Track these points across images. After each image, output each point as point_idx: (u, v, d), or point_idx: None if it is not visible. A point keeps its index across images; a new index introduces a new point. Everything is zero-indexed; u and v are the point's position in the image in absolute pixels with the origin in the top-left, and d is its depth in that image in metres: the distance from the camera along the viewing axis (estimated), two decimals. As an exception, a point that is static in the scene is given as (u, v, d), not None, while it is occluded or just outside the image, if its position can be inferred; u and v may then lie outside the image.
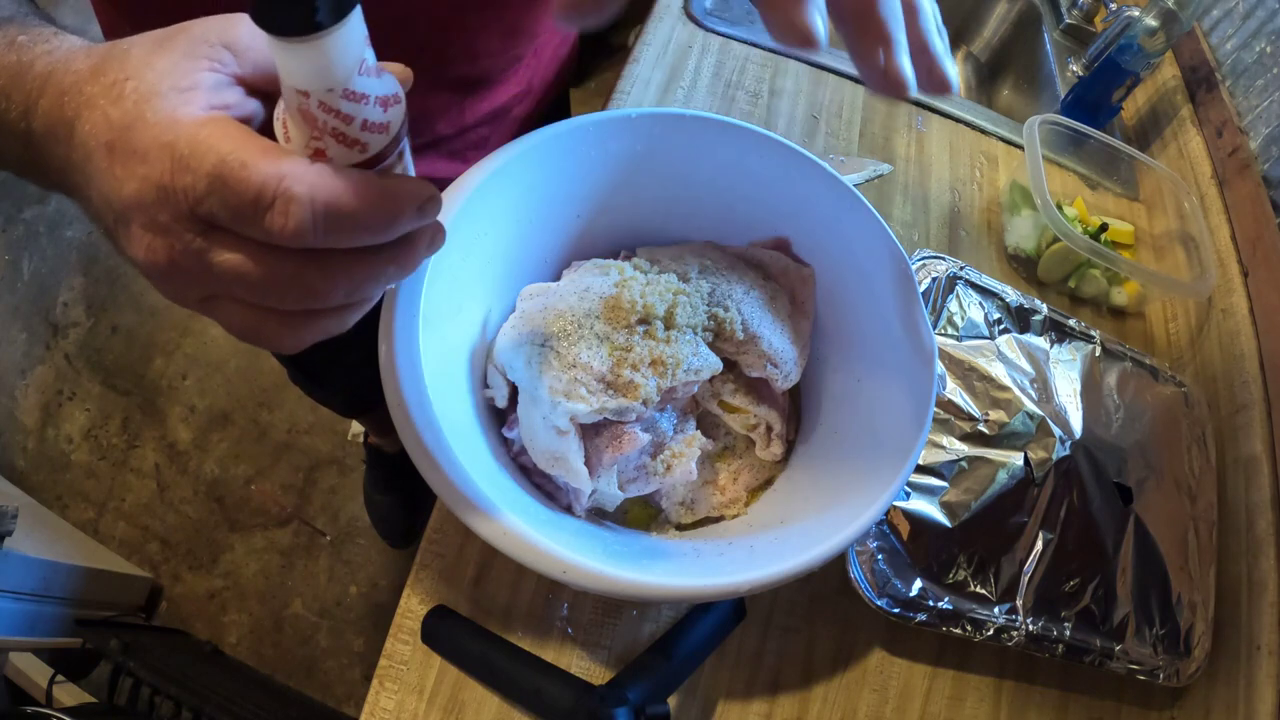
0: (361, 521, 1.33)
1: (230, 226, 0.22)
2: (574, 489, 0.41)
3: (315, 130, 0.23)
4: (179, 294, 0.24)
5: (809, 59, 0.79)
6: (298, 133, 0.23)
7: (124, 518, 1.32)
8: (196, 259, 0.22)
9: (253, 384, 1.43)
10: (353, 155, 0.23)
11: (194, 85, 0.23)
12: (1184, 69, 0.89)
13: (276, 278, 0.22)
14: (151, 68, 0.23)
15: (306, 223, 0.21)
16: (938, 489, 0.53)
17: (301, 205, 0.21)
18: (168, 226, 0.22)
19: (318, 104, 0.22)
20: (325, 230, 0.21)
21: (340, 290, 0.23)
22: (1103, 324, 0.71)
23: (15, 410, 1.39)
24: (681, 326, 0.43)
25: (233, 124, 0.22)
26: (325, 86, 0.22)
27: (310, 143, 0.23)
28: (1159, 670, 0.53)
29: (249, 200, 0.21)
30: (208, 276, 0.22)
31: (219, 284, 0.23)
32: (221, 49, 0.24)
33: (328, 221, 0.21)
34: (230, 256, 0.22)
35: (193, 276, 0.23)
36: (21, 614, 1.00)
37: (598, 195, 0.48)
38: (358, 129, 0.23)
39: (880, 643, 0.52)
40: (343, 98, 0.22)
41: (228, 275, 0.22)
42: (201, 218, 0.22)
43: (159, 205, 0.21)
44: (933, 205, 0.74)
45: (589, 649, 0.47)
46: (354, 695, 1.21)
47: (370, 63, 0.23)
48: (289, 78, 0.22)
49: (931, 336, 0.44)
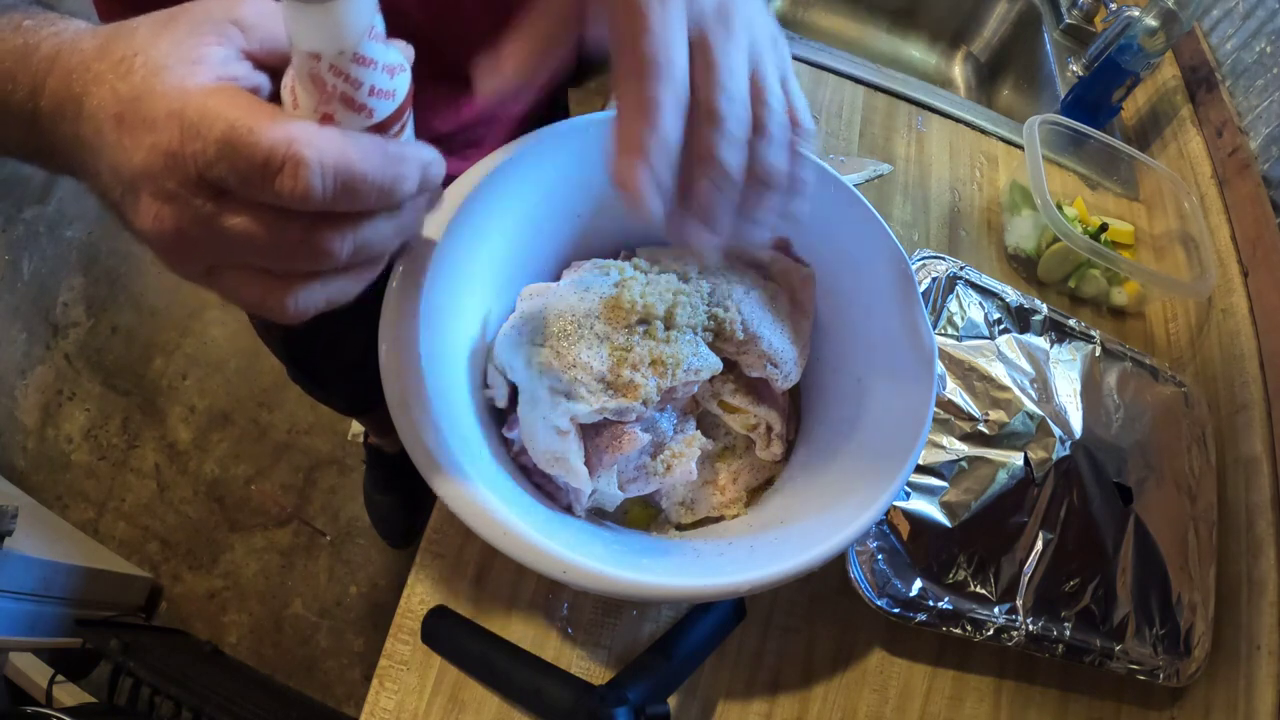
0: (361, 521, 1.33)
1: (239, 191, 0.22)
2: (574, 489, 0.41)
3: (324, 95, 0.23)
4: (185, 264, 0.24)
5: (810, 59, 0.79)
6: (306, 98, 0.23)
7: (124, 518, 1.32)
8: (205, 225, 0.22)
9: (253, 384, 1.43)
10: (360, 121, 0.24)
11: (201, 59, 0.23)
12: (1184, 69, 0.89)
13: (284, 240, 0.23)
14: (159, 43, 0.23)
15: (315, 185, 0.21)
16: (938, 489, 0.53)
17: (310, 168, 0.21)
18: (176, 193, 0.22)
19: (328, 67, 0.22)
20: (333, 192, 0.22)
21: (345, 251, 0.24)
22: (1103, 324, 0.71)
23: (15, 410, 1.39)
24: (681, 326, 0.43)
25: (241, 92, 0.23)
26: (336, 49, 0.22)
27: (319, 107, 0.23)
28: (1159, 670, 0.53)
29: (258, 164, 0.21)
30: (216, 243, 0.23)
31: (227, 250, 0.23)
32: (228, 25, 0.25)
33: (336, 184, 0.22)
34: (239, 220, 0.22)
35: (200, 244, 0.23)
36: (21, 614, 1.00)
37: (598, 195, 0.48)
38: (365, 94, 0.23)
39: (880, 643, 0.52)
40: (353, 62, 0.23)
41: (237, 239, 0.22)
42: (210, 183, 0.22)
43: (168, 172, 0.22)
44: (933, 205, 0.74)
45: (589, 649, 0.47)
46: (354, 695, 1.21)
47: (379, 29, 0.23)
48: (300, 41, 0.22)
49: (931, 336, 0.44)
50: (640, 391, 0.40)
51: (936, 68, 1.12)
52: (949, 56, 1.12)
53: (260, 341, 0.89)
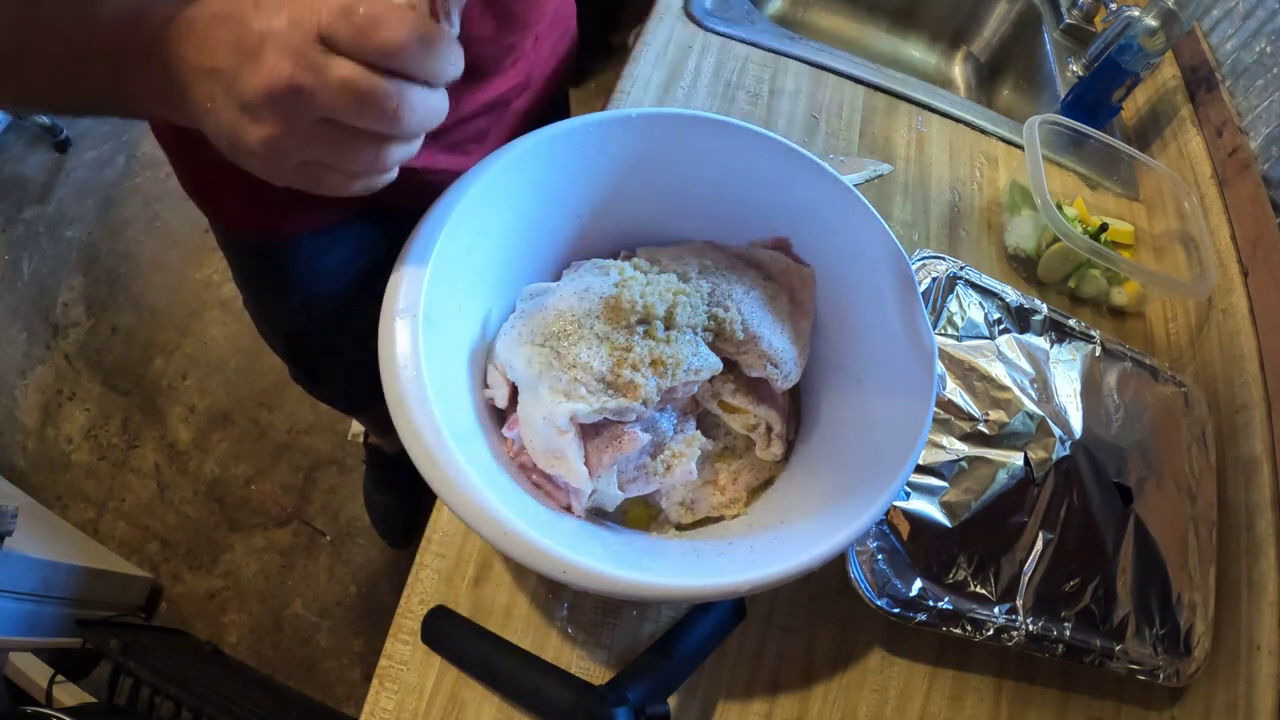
0: (361, 521, 1.33)
1: (349, 48, 0.27)
2: (574, 489, 0.41)
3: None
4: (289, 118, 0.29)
5: (810, 59, 0.79)
6: None
7: (124, 518, 1.32)
8: (317, 73, 0.27)
9: (253, 384, 1.43)
10: None
11: None
12: (1184, 69, 0.89)
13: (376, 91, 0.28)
14: None
15: (406, 39, 0.27)
16: (938, 489, 0.53)
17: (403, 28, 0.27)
18: (298, 48, 0.27)
19: None
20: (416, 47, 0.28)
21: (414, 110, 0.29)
22: (1103, 324, 0.71)
23: (15, 410, 1.39)
24: (681, 326, 0.43)
25: None
26: None
27: None
28: (1159, 670, 0.53)
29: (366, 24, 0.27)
30: (323, 91, 0.28)
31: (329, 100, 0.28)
32: None
33: (419, 40, 0.28)
34: (345, 69, 0.28)
35: (307, 96, 0.28)
36: (21, 614, 1.00)
37: (598, 195, 0.48)
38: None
39: (880, 643, 0.52)
40: None
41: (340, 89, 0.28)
42: (326, 40, 0.27)
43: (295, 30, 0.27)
44: (933, 205, 0.74)
45: (589, 649, 0.47)
46: (354, 695, 1.21)
47: None
48: None
49: (931, 336, 0.44)
50: (640, 391, 0.40)
51: (936, 68, 1.12)
52: (949, 56, 1.12)
53: (260, 341, 0.89)
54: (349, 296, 0.72)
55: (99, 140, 1.68)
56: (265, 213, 0.62)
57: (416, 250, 0.39)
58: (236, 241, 0.70)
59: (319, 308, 0.73)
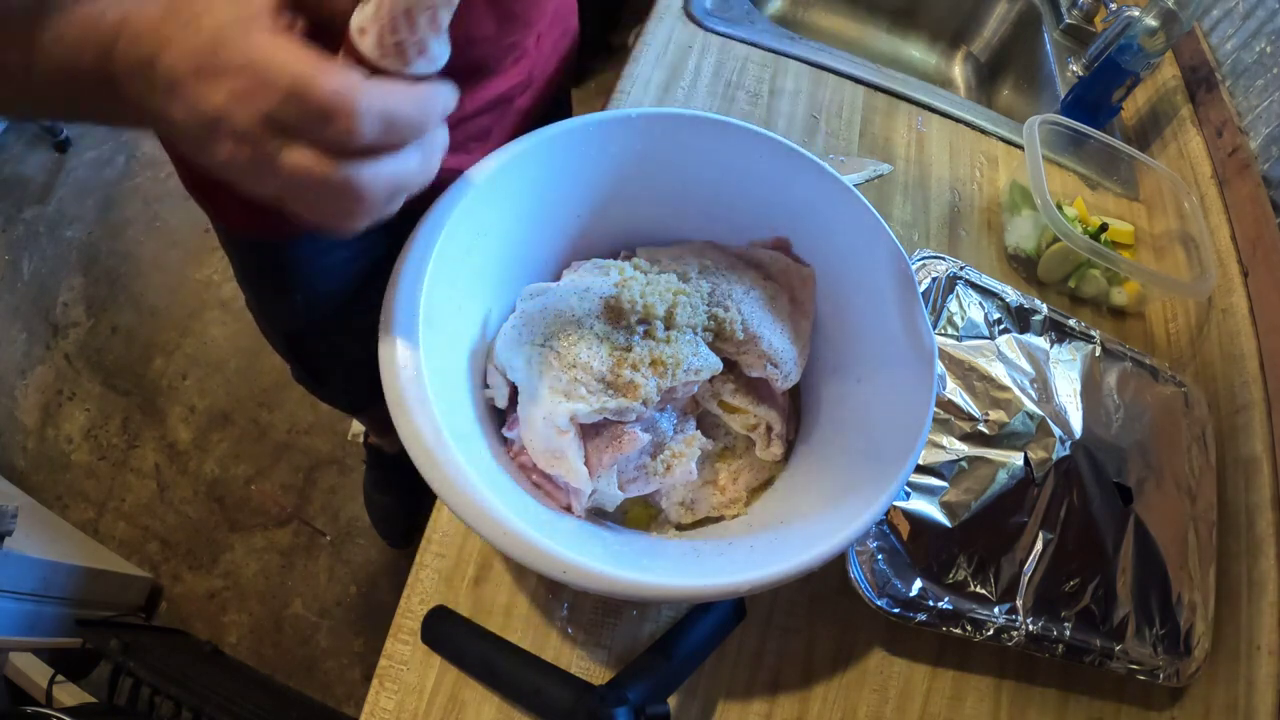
0: (361, 521, 1.33)
1: (301, 132, 0.26)
2: (574, 489, 0.41)
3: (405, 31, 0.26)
4: (256, 189, 0.29)
5: (810, 59, 0.79)
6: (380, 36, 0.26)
7: (124, 518, 1.32)
8: (272, 159, 0.26)
9: (253, 384, 1.43)
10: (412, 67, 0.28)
11: (256, 12, 0.27)
12: (1184, 69, 0.89)
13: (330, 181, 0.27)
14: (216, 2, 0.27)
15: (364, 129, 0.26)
16: (938, 489, 0.53)
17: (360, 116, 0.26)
18: (248, 132, 0.26)
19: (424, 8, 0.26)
20: (378, 133, 0.26)
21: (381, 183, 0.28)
22: (1103, 324, 0.71)
23: (15, 410, 1.39)
24: (681, 326, 0.43)
25: (301, 45, 0.26)
26: None
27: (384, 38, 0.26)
28: (1159, 670, 0.53)
29: (318, 111, 0.25)
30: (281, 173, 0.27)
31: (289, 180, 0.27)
32: None
33: (380, 125, 0.26)
34: (300, 155, 0.26)
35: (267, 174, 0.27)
36: (21, 614, 1.00)
37: (598, 195, 0.48)
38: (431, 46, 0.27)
39: (880, 643, 0.52)
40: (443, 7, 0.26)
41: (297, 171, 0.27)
42: (278, 123, 0.26)
43: (242, 114, 0.26)
44: (933, 205, 0.74)
45: (589, 649, 0.47)
46: (354, 695, 1.21)
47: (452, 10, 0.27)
48: None
49: (931, 336, 0.44)
50: (640, 391, 0.40)
51: (936, 68, 1.12)
52: (949, 56, 1.12)
53: (260, 341, 0.89)
54: (350, 296, 0.72)
55: (99, 140, 1.68)
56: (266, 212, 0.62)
57: (417, 250, 0.39)
58: (238, 240, 0.70)
59: (320, 307, 0.73)
